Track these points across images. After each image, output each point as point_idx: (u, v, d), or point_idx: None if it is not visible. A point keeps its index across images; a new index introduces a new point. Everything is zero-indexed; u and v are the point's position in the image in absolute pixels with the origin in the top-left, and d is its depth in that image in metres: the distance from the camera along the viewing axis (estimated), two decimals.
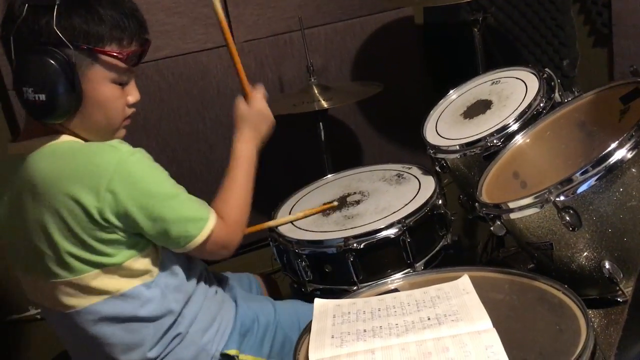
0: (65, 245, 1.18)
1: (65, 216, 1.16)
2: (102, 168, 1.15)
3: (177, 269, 1.31)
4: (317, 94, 1.93)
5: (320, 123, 1.99)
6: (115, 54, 1.17)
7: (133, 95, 1.26)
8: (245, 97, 1.45)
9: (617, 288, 1.21)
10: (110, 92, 1.20)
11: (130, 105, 1.26)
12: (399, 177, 1.75)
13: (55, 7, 1.11)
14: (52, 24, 1.11)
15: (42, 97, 1.12)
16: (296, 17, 2.00)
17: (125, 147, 1.20)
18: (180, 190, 1.25)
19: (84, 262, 1.19)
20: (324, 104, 1.88)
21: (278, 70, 2.18)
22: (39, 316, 2.02)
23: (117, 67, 1.19)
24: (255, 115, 1.43)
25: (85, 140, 1.22)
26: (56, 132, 1.20)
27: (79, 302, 1.22)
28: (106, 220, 1.16)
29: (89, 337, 1.25)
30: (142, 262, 1.24)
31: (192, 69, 2.06)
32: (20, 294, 1.99)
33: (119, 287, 1.22)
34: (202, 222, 1.24)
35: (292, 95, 2.04)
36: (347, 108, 2.30)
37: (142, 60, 1.26)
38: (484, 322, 1.02)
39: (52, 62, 1.11)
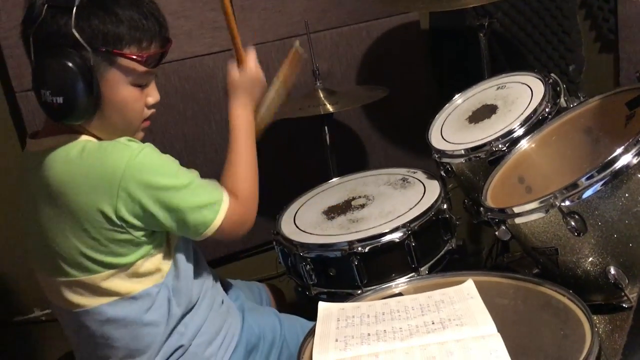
0: (79, 245, 1.18)
1: (81, 219, 1.16)
2: (114, 168, 1.15)
3: (185, 274, 1.30)
4: (323, 98, 1.93)
5: (326, 127, 1.99)
6: (134, 57, 1.16)
7: (153, 96, 1.25)
8: (239, 61, 1.44)
9: (623, 294, 1.20)
10: (129, 94, 1.20)
11: (149, 107, 1.26)
12: (404, 181, 1.75)
13: (74, 8, 1.10)
14: (70, 26, 1.10)
15: (60, 100, 1.11)
16: (302, 21, 2.01)
17: (134, 144, 1.19)
18: (191, 178, 1.24)
19: (96, 262, 1.19)
20: (330, 108, 1.88)
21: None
22: (43, 318, 2.03)
23: (136, 69, 1.18)
24: (248, 81, 1.42)
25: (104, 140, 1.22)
26: (74, 132, 1.20)
27: (88, 301, 1.22)
28: (122, 219, 1.16)
29: (94, 338, 1.25)
30: (153, 262, 1.24)
31: (199, 72, 2.07)
32: (25, 295, 2.01)
33: (130, 289, 1.22)
34: (217, 205, 1.24)
35: (297, 99, 2.05)
36: (352, 112, 2.30)
37: (162, 61, 1.25)
38: (489, 326, 1.02)
39: (70, 64, 1.10)
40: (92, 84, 1.12)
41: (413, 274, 1.51)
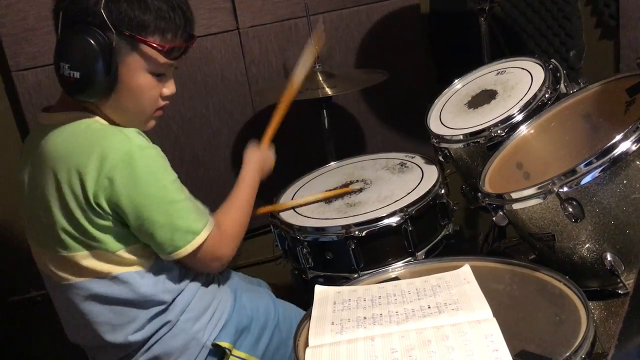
0: (61, 221, 1.20)
1: (65, 193, 1.17)
2: (109, 153, 1.16)
3: (171, 264, 1.29)
4: (322, 81, 1.92)
5: (324, 110, 1.98)
6: (155, 46, 1.18)
7: (169, 88, 1.27)
8: (264, 140, 1.56)
9: (619, 280, 1.21)
10: (145, 81, 1.21)
11: (164, 98, 1.27)
12: (402, 166, 1.75)
13: None
14: (100, 6, 1.13)
15: (77, 74, 1.14)
16: (302, 3, 1.99)
17: (138, 141, 1.20)
18: (181, 197, 1.24)
19: (76, 240, 1.21)
20: (328, 92, 1.87)
21: (282, 56, 2.17)
22: (39, 298, 2.03)
23: (156, 59, 1.20)
24: (263, 155, 1.54)
25: (114, 123, 1.23)
26: (86, 110, 1.22)
27: (70, 276, 1.24)
28: (98, 205, 1.17)
29: (78, 312, 1.27)
30: (136, 253, 1.24)
31: (196, 53, 2.05)
32: (21, 275, 2.01)
33: (110, 270, 1.23)
34: (190, 235, 1.23)
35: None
36: (351, 96, 2.29)
37: (184, 55, 1.26)
38: (484, 311, 1.02)
39: (92, 42, 1.13)
40: (111, 64, 1.15)
41: (410, 258, 1.51)
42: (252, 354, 1.38)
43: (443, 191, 1.59)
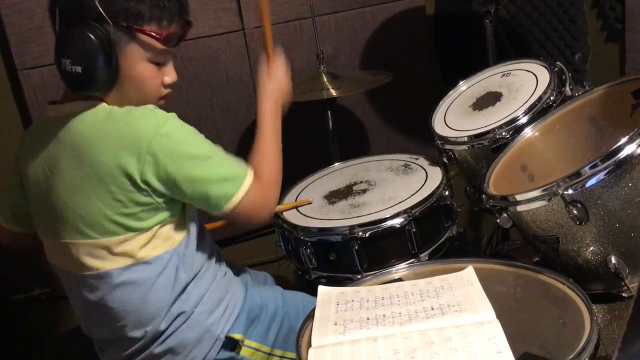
0: (102, 206, 1.20)
1: (106, 179, 1.19)
2: (143, 131, 1.18)
3: (193, 244, 1.32)
4: (326, 82, 1.92)
5: (329, 111, 1.98)
6: (153, 34, 1.20)
7: (170, 75, 1.29)
8: (268, 58, 1.47)
9: (623, 283, 1.21)
10: (146, 70, 1.24)
11: (166, 86, 1.29)
12: (406, 167, 1.75)
13: None
14: (95, 0, 1.14)
15: (79, 69, 1.16)
16: (307, 4, 1.99)
17: (161, 112, 1.23)
18: (216, 150, 1.27)
19: (117, 224, 1.22)
20: (333, 93, 1.87)
21: (288, 57, 2.15)
22: (43, 296, 2.03)
23: (155, 47, 1.22)
24: (277, 86, 1.44)
25: None
26: (95, 100, 1.23)
27: (102, 264, 1.25)
28: (147, 183, 1.19)
29: (103, 303, 1.27)
30: (168, 229, 1.27)
31: (202, 54, 2.06)
32: (24, 274, 2.01)
33: (144, 254, 1.25)
34: (239, 180, 1.25)
35: (301, 83, 2.04)
36: (355, 97, 2.29)
37: (181, 42, 1.28)
38: (488, 313, 1.02)
39: (91, 36, 1.15)
40: (111, 56, 1.17)
41: (413, 259, 1.51)
42: (263, 343, 1.39)
43: (447, 193, 1.59)
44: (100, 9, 1.15)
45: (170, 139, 1.19)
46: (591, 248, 1.21)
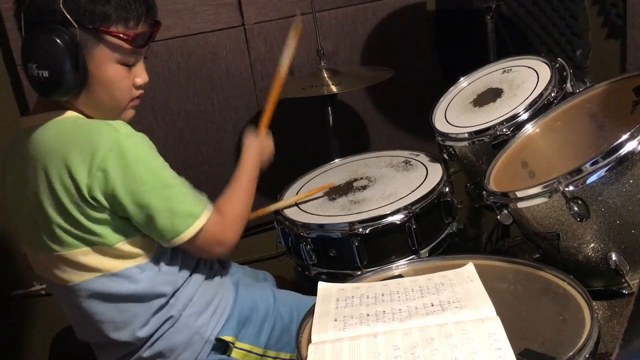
0: (57, 218, 1.19)
1: (58, 189, 1.17)
2: (98, 145, 1.16)
3: (174, 253, 1.30)
4: (327, 78, 1.92)
5: (329, 107, 1.98)
6: (120, 35, 1.18)
7: (141, 76, 1.26)
8: (260, 129, 1.55)
9: (623, 280, 1.20)
10: (115, 72, 1.21)
11: (137, 87, 1.26)
12: (406, 163, 1.75)
13: None
14: (59, 3, 1.12)
15: (45, 73, 1.13)
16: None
17: (125, 129, 1.20)
18: (176, 182, 1.24)
19: (74, 237, 1.20)
20: (333, 89, 1.87)
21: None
22: (43, 292, 2.03)
23: (123, 48, 1.20)
24: (261, 144, 1.52)
25: (92, 119, 1.23)
26: (63, 108, 1.21)
27: (71, 277, 1.24)
28: (94, 198, 1.17)
29: (82, 312, 1.27)
30: (136, 245, 1.24)
31: (202, 49, 2.05)
32: (24, 269, 2.01)
33: (111, 266, 1.23)
34: (190, 219, 1.23)
35: (301, 79, 2.03)
36: (356, 93, 2.29)
37: (150, 43, 1.26)
38: (488, 310, 1.02)
39: (57, 40, 1.12)
40: (78, 59, 1.15)
41: (413, 256, 1.51)
42: (255, 345, 1.38)
43: (447, 189, 1.59)
44: (64, 12, 1.12)
45: (126, 159, 1.16)
46: (592, 245, 1.21)
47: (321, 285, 1.19)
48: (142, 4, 1.20)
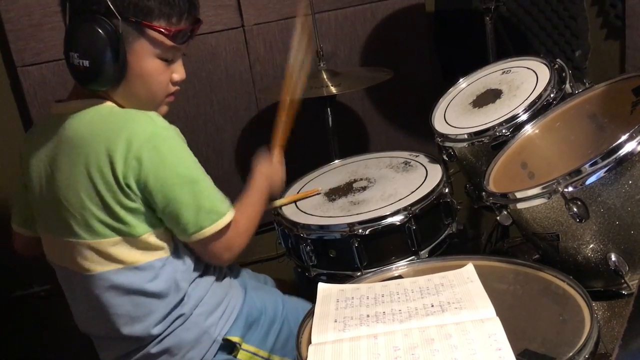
0: (91, 206, 1.20)
1: (95, 176, 1.18)
2: (136, 134, 1.18)
3: (189, 252, 1.31)
4: (326, 79, 1.92)
5: (328, 108, 1.98)
6: (162, 30, 1.20)
7: (179, 72, 1.28)
8: (274, 149, 1.55)
9: (623, 281, 1.21)
10: (154, 66, 1.23)
11: (174, 83, 1.28)
12: (406, 164, 1.75)
13: None
14: None
15: (86, 63, 1.16)
16: (307, 0, 1.98)
17: (161, 121, 1.22)
18: (205, 177, 1.25)
19: (106, 226, 1.21)
20: (333, 90, 1.87)
21: (287, 54, 2.17)
22: (42, 293, 2.03)
23: (163, 43, 1.22)
24: (274, 168, 1.53)
25: None
26: (100, 98, 1.23)
27: (94, 266, 1.25)
28: (128, 186, 1.18)
29: (97, 303, 1.27)
30: (160, 237, 1.26)
31: (201, 51, 2.06)
32: (24, 270, 2.01)
33: (135, 259, 1.24)
34: (216, 215, 1.24)
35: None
36: (355, 94, 2.29)
37: (190, 40, 1.28)
38: (488, 310, 1.02)
39: (100, 30, 1.15)
40: (119, 51, 1.17)
41: (413, 257, 1.51)
42: (261, 348, 1.39)
43: (447, 190, 1.59)
44: (109, 3, 1.15)
45: (160, 151, 1.19)
46: (591, 245, 1.21)
47: (321, 286, 1.19)
48: (185, 1, 1.22)
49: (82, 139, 1.20)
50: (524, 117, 1.52)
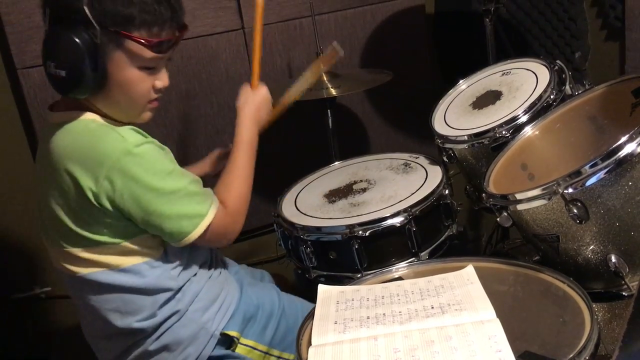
0: (64, 218, 1.21)
1: (66, 191, 1.19)
2: (105, 156, 1.16)
3: (181, 251, 1.31)
4: (326, 81, 1.92)
5: (329, 110, 1.98)
6: (142, 41, 1.15)
7: (162, 80, 1.25)
8: (252, 84, 1.48)
9: (623, 282, 1.20)
10: (134, 75, 1.20)
11: (157, 91, 1.25)
12: (406, 166, 1.75)
13: None
14: (82, 2, 1.10)
15: (62, 73, 1.13)
16: (307, 2, 1.99)
17: (133, 138, 1.19)
18: (182, 184, 1.23)
19: (82, 238, 1.22)
20: (333, 92, 1.87)
21: (287, 56, 2.18)
22: (43, 295, 2.03)
23: (144, 54, 1.18)
24: (259, 101, 1.45)
25: (110, 117, 1.23)
26: (82, 107, 1.22)
27: (80, 269, 1.26)
28: (101, 205, 1.18)
29: (89, 301, 1.28)
30: (145, 243, 1.26)
31: (201, 52, 2.06)
32: (24, 272, 2.01)
33: (119, 262, 1.24)
34: (197, 218, 1.24)
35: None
36: (355, 95, 2.29)
37: (175, 47, 1.24)
38: (488, 312, 1.02)
39: (77, 40, 1.11)
40: (97, 61, 1.13)
41: (413, 258, 1.51)
42: (259, 342, 1.39)
43: (447, 192, 1.59)
44: (87, 11, 1.10)
45: (131, 170, 1.16)
46: (591, 247, 1.21)
47: (321, 288, 1.19)
48: (167, 7, 1.17)
49: (58, 155, 1.19)
50: (524, 118, 1.52)
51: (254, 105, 1.44)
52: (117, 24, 1.13)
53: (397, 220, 1.48)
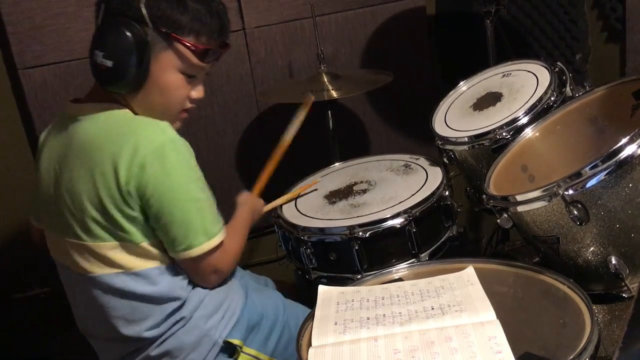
0: (91, 210, 1.21)
1: (97, 181, 1.19)
2: (144, 142, 1.18)
3: None
4: (327, 83, 1.92)
5: (329, 111, 1.98)
6: (189, 45, 1.21)
7: (198, 91, 1.30)
8: (255, 190, 1.60)
9: (623, 284, 1.21)
10: (175, 79, 1.24)
11: (191, 100, 1.29)
12: (406, 167, 1.75)
13: None
14: (141, 1, 1.17)
15: (109, 63, 1.17)
16: (308, 4, 1.99)
17: (171, 133, 1.22)
18: (203, 197, 1.25)
19: (104, 230, 1.22)
20: (333, 94, 1.87)
21: (288, 57, 2.18)
22: (42, 295, 2.03)
23: (189, 59, 1.23)
24: (254, 201, 1.57)
25: None
26: (115, 103, 1.24)
27: (93, 268, 1.25)
28: (129, 192, 1.19)
29: (96, 304, 1.28)
30: (159, 247, 1.26)
31: None
32: (24, 272, 2.01)
33: (133, 265, 1.24)
34: (205, 236, 1.24)
35: (301, 83, 2.04)
36: (356, 97, 2.29)
37: (216, 62, 1.29)
38: (488, 313, 1.02)
39: (128, 34, 1.16)
40: (143, 58, 1.18)
41: (413, 259, 1.51)
42: (262, 351, 1.39)
43: (447, 193, 1.59)
44: (144, 10, 1.17)
45: (165, 162, 1.18)
46: (591, 248, 1.21)
47: (321, 289, 1.19)
48: (217, 21, 1.24)
49: (91, 143, 1.21)
50: (524, 120, 1.52)
51: (252, 205, 1.54)
52: (169, 25, 1.19)
53: (397, 222, 1.48)
